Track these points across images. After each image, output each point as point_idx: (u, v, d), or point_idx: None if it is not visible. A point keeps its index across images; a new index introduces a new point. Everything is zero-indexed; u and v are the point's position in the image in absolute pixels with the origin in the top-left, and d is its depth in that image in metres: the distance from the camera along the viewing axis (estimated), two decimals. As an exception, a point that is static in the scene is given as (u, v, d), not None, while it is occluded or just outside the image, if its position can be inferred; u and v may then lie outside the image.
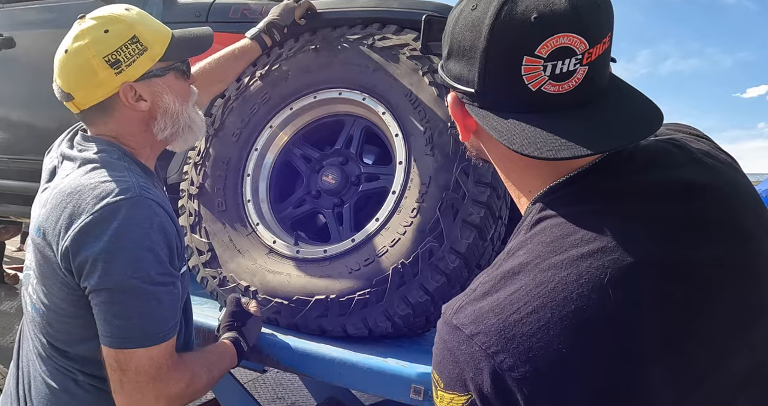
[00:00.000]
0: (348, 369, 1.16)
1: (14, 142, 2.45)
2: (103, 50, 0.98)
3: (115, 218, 0.90)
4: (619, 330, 0.51)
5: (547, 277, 0.53)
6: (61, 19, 2.30)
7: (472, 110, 0.61)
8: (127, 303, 0.92)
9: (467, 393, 0.54)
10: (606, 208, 0.57)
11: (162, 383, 0.94)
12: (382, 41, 1.45)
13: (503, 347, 0.52)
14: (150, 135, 1.07)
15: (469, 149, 0.73)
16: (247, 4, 1.97)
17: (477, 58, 0.57)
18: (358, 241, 1.34)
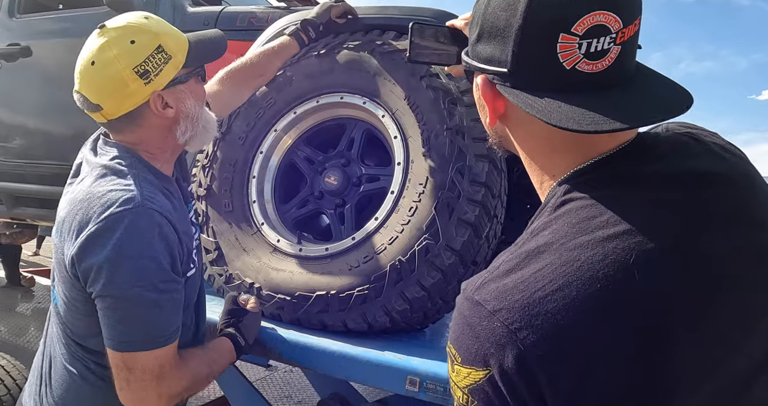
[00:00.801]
0: (347, 362, 1.21)
1: (31, 148, 2.53)
2: (133, 62, 1.00)
3: (118, 227, 0.94)
4: (643, 311, 0.52)
5: (573, 256, 0.54)
6: (75, 29, 2.38)
7: (505, 90, 0.61)
8: (130, 310, 0.96)
9: (487, 368, 0.54)
10: (628, 193, 0.58)
11: (165, 382, 0.99)
12: (381, 47, 1.50)
13: (527, 324, 0.52)
14: (172, 139, 1.10)
15: (492, 136, 0.73)
16: (253, 12, 2.04)
17: (512, 37, 0.58)
18: (358, 239, 1.39)
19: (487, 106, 0.66)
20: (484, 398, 0.55)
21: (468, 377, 0.56)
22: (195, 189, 1.68)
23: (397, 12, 1.60)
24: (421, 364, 1.16)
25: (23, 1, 2.62)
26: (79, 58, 1.05)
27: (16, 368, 1.95)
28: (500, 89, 0.62)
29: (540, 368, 0.51)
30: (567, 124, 0.55)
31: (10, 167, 2.55)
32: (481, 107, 0.70)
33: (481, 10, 0.62)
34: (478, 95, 0.68)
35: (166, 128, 1.09)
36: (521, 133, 0.66)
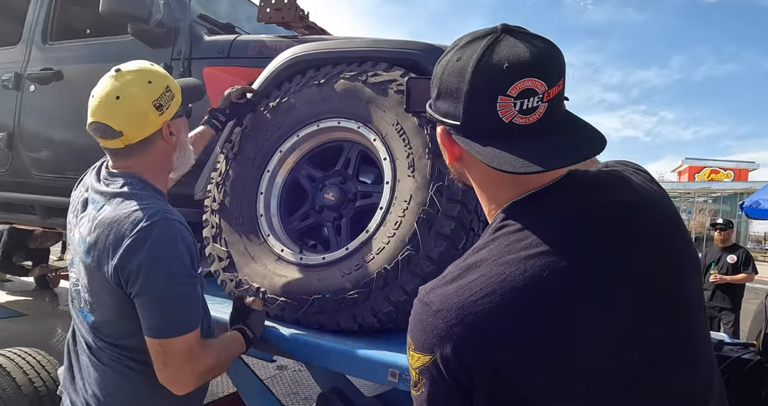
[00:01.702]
0: (337, 356, 1.39)
1: (61, 162, 2.74)
2: (151, 97, 1.26)
3: (149, 237, 1.15)
4: (551, 315, 0.65)
5: (500, 270, 0.68)
6: (101, 55, 2.61)
7: (459, 139, 0.75)
8: (164, 303, 1.17)
9: (431, 354, 0.68)
10: (552, 219, 0.72)
11: (194, 362, 1.21)
12: (373, 77, 1.69)
13: (461, 321, 0.66)
14: (169, 164, 1.36)
15: (453, 173, 0.88)
16: (263, 41, 2.23)
17: (462, 98, 0.71)
18: (351, 249, 1.57)
19: (446, 151, 0.81)
20: (429, 377, 0.70)
21: (418, 361, 0.71)
22: (209, 204, 1.88)
23: (388, 45, 1.78)
24: (401, 358, 1.33)
25: (55, 30, 2.86)
26: (97, 95, 1.27)
27: (50, 363, 2.16)
28: (455, 138, 0.76)
29: (469, 354, 0.66)
30: (504, 167, 0.69)
31: (43, 180, 2.77)
32: (442, 149, 0.85)
33: (439, 74, 0.76)
34: (439, 140, 0.82)
35: (168, 154, 1.34)
36: (473, 171, 0.81)
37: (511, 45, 0.70)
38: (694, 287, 0.77)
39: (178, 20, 2.39)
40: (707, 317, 0.85)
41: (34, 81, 2.78)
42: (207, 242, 1.84)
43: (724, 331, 5.36)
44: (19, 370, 2.05)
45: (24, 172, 2.85)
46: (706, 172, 29.42)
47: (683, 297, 0.74)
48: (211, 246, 1.81)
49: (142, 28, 2.37)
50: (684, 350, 0.72)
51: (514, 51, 0.70)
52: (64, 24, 2.94)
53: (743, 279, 5.47)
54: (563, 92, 0.74)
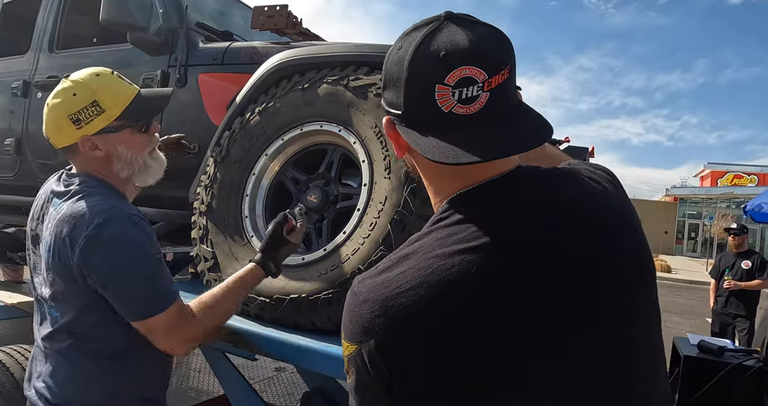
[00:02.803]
0: (311, 355, 1.41)
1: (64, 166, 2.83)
2: (69, 110, 1.29)
3: (104, 233, 1.20)
4: (471, 312, 0.65)
5: (428, 263, 0.67)
6: (105, 63, 2.68)
7: (401, 129, 0.73)
8: (130, 290, 1.23)
9: (357, 344, 0.69)
10: (489, 215, 0.70)
11: (178, 333, 1.27)
12: (354, 81, 1.72)
13: (384, 313, 0.66)
14: (109, 172, 1.37)
15: (407, 164, 0.84)
16: (255, 47, 2.29)
17: (401, 87, 0.70)
18: (328, 250, 1.60)
19: (392, 142, 0.79)
20: (355, 366, 0.71)
21: (347, 349, 0.72)
22: (198, 206, 1.93)
23: (369, 49, 1.81)
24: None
25: (61, 39, 2.95)
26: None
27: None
28: (398, 129, 0.75)
29: (389, 346, 0.66)
30: (436, 157, 0.67)
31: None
32: (389, 141, 0.85)
33: (385, 63, 0.75)
34: (384, 131, 0.80)
35: (102, 164, 1.36)
36: (420, 162, 0.79)
37: (452, 33, 0.68)
38: (636, 296, 0.74)
39: (176, 28, 2.46)
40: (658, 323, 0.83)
41: (41, 88, 2.88)
42: (194, 243, 1.88)
43: (739, 338, 5.25)
44: (18, 366, 2.11)
45: (31, 176, 2.94)
46: (729, 177, 28.82)
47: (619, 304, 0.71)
48: (198, 247, 1.86)
49: (141, 37, 2.44)
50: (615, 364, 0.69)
51: (453, 39, 0.68)
52: (70, 33, 3.04)
53: (758, 285, 5.36)
54: (511, 82, 0.71)
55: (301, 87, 1.82)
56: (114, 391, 1.31)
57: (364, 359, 0.69)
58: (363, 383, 0.72)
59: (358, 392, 0.73)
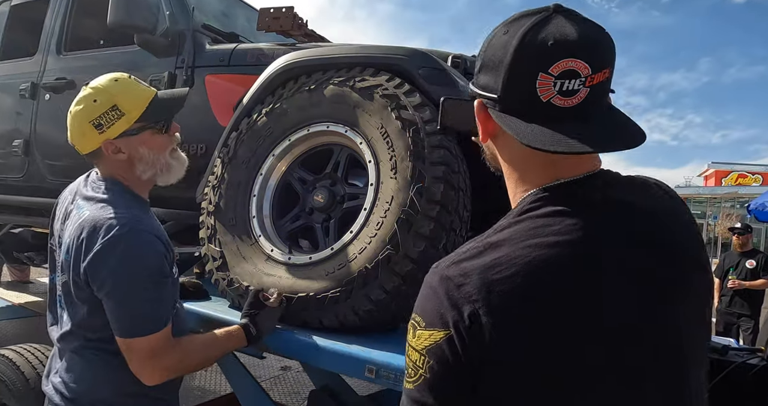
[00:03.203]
0: (318, 352, 1.44)
1: (74, 168, 2.84)
2: (90, 116, 1.33)
3: (116, 246, 1.23)
4: (566, 302, 0.65)
5: (524, 252, 0.66)
6: (111, 65, 2.70)
7: (493, 114, 0.73)
8: (128, 307, 1.26)
9: (446, 330, 0.66)
10: (581, 212, 0.70)
11: (157, 359, 1.28)
12: (360, 82, 1.74)
13: (482, 298, 0.64)
14: (133, 175, 1.40)
15: (485, 153, 0.85)
16: (261, 49, 2.31)
17: (502, 71, 0.70)
18: (335, 249, 1.62)
19: (480, 126, 0.78)
20: (439, 355, 0.66)
21: (428, 339, 0.67)
22: (205, 206, 1.95)
23: (375, 51, 1.83)
24: (379, 355, 1.37)
25: (69, 41, 2.98)
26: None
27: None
28: (490, 112, 0.74)
29: (486, 332, 0.64)
30: (534, 143, 0.67)
31: (58, 185, 2.88)
32: (477, 126, 0.80)
33: (484, 47, 0.75)
34: (476, 116, 0.79)
35: (126, 167, 1.38)
36: (505, 151, 0.78)
37: (561, 24, 0.69)
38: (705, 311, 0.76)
39: (182, 30, 2.48)
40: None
41: (49, 90, 2.91)
42: (202, 242, 1.91)
43: (743, 338, 5.25)
44: (28, 364, 2.14)
45: (39, 177, 2.97)
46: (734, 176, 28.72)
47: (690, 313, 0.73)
48: (206, 247, 1.88)
49: (148, 39, 2.46)
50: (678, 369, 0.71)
51: (562, 30, 0.68)
52: (78, 35, 3.06)
53: (763, 284, 5.35)
54: (609, 82, 0.72)
55: (307, 88, 1.84)
56: (125, 389, 1.34)
57: (455, 345, 0.66)
58: (444, 373, 0.68)
59: (434, 384, 0.68)
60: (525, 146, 0.69)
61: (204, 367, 1.47)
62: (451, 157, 1.59)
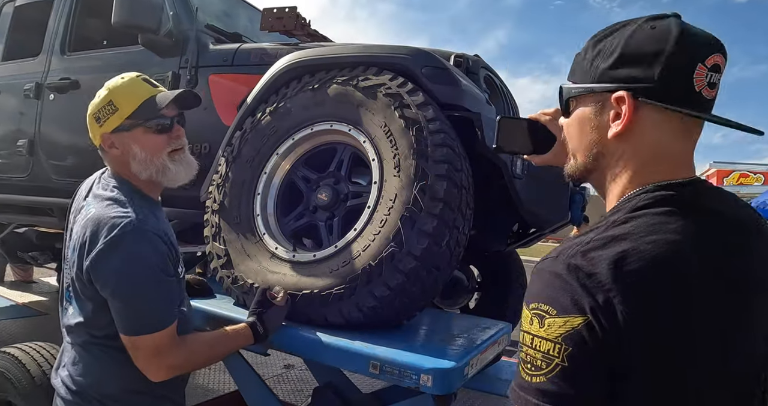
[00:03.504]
0: (322, 348, 1.45)
1: (78, 167, 2.87)
2: (93, 110, 1.39)
3: (120, 244, 1.24)
4: (693, 297, 0.68)
5: (647, 247, 0.69)
6: (115, 65, 2.73)
7: (645, 102, 0.75)
8: (133, 305, 1.27)
9: (583, 316, 0.66)
10: (693, 213, 0.74)
11: (162, 357, 1.29)
12: (364, 81, 1.75)
13: (615, 287, 0.66)
14: (128, 171, 1.40)
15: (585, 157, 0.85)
16: (264, 49, 2.32)
17: (660, 61, 0.74)
18: (339, 247, 1.63)
19: (624, 118, 0.77)
20: (579, 341, 0.66)
21: (564, 326, 0.67)
22: (210, 204, 1.97)
23: (378, 50, 1.85)
24: (382, 352, 1.39)
25: (73, 41, 3.00)
26: None
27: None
28: (641, 101, 0.76)
29: (621, 319, 0.66)
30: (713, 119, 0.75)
31: (62, 185, 2.90)
32: (581, 131, 0.83)
33: (623, 42, 0.77)
34: (586, 116, 0.82)
35: (123, 163, 1.40)
36: (630, 145, 0.80)
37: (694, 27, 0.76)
38: None
39: (186, 30, 2.50)
40: None
41: (53, 90, 2.93)
42: (207, 240, 1.92)
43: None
44: (33, 362, 2.15)
45: (44, 176, 2.98)
46: (735, 176, 28.69)
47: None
48: (211, 245, 1.89)
49: (152, 39, 2.48)
50: None
51: (701, 30, 0.76)
52: (81, 35, 3.08)
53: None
54: None
55: (311, 87, 1.86)
56: (131, 386, 1.35)
57: (595, 330, 0.66)
58: (584, 360, 0.67)
59: (576, 372, 0.68)
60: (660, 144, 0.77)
61: (210, 364, 1.47)
62: (454, 156, 1.60)
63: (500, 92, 2.42)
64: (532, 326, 0.70)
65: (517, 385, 0.71)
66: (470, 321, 2.04)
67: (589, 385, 0.67)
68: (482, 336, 1.73)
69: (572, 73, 0.86)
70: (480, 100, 1.87)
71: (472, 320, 2.11)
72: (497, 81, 2.42)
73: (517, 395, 0.71)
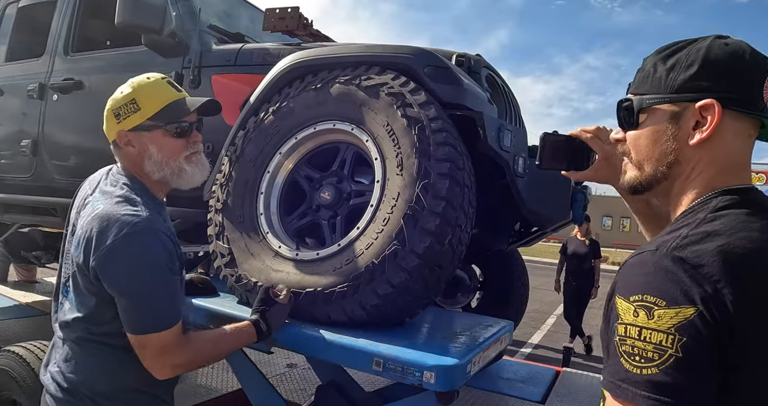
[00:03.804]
0: (326, 346, 1.46)
1: (82, 167, 2.87)
2: (114, 105, 1.40)
3: (129, 244, 1.24)
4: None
5: (742, 242, 0.73)
6: (118, 65, 2.75)
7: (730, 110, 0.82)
8: (140, 304, 1.28)
9: (695, 306, 0.68)
10: (764, 215, 0.78)
11: (168, 356, 1.29)
12: (366, 81, 1.76)
13: (723, 279, 0.69)
14: (141, 170, 1.42)
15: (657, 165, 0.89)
16: (267, 49, 2.33)
17: (743, 73, 0.82)
18: (342, 245, 1.64)
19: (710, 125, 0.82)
20: (692, 332, 0.68)
21: (676, 317, 0.69)
22: (213, 203, 1.98)
23: (381, 50, 1.86)
24: (386, 349, 1.40)
25: (76, 42, 3.01)
26: None
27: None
28: (726, 110, 0.81)
29: (732, 309, 0.68)
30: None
31: (66, 185, 2.91)
32: (654, 141, 0.88)
33: (700, 56, 0.83)
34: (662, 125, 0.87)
35: (137, 163, 1.42)
36: (711, 151, 0.84)
37: None
38: None
39: (189, 31, 2.51)
40: None
41: (57, 91, 2.94)
42: (210, 239, 1.93)
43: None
44: (38, 361, 2.16)
45: (47, 176, 3.00)
46: (737, 175, 28.76)
47: None
48: (215, 243, 1.90)
49: (155, 39, 2.49)
50: None
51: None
52: (85, 36, 3.10)
53: None
54: None
55: (314, 87, 1.87)
56: (122, 384, 1.34)
57: (707, 320, 0.68)
58: (698, 349, 0.68)
59: (690, 362, 0.68)
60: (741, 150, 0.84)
61: (214, 362, 1.48)
62: (457, 155, 1.61)
63: (502, 91, 2.43)
64: (638, 318, 0.71)
65: (619, 379, 0.71)
66: (472, 319, 2.05)
67: (704, 375, 0.68)
68: (484, 334, 1.74)
69: (638, 87, 0.90)
70: (482, 99, 1.88)
71: (474, 318, 2.12)
72: (499, 80, 2.43)
73: (621, 390, 0.71)
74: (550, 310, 9.32)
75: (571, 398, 2.55)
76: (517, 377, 2.86)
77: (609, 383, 0.73)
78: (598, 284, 6.76)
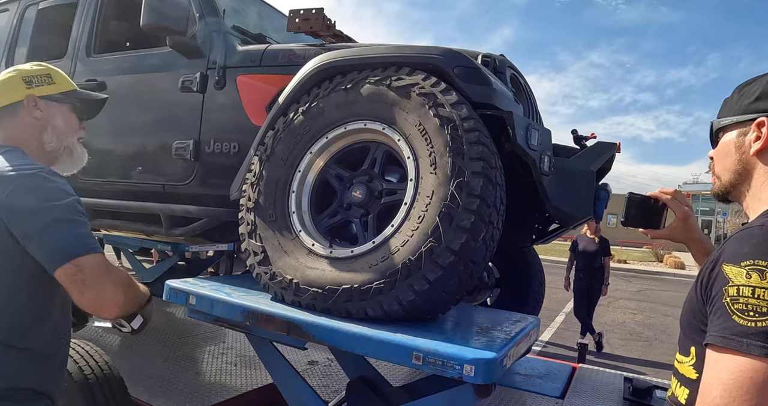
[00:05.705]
0: (365, 341, 1.49)
1: (104, 167, 2.91)
2: (25, 74, 1.46)
3: (32, 184, 1.23)
4: None
5: None
6: (141, 66, 2.78)
7: None
8: (62, 231, 1.22)
9: None
10: None
11: (113, 275, 1.25)
12: (397, 81, 1.79)
13: None
14: (40, 144, 1.45)
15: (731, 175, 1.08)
16: (292, 50, 2.36)
17: None
18: (377, 242, 1.67)
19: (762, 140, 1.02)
20: None
21: None
22: (245, 203, 2.01)
23: (410, 50, 1.89)
24: (424, 343, 1.43)
25: (98, 43, 3.05)
26: None
27: (98, 353, 2.31)
28: None
29: None
30: None
31: (89, 184, 2.96)
32: (727, 154, 1.09)
33: (760, 86, 1.05)
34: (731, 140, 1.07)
35: (36, 130, 1.46)
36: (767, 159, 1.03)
37: None
38: None
39: (213, 32, 2.54)
40: None
41: (80, 92, 2.97)
42: (242, 238, 1.96)
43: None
44: (69, 360, 2.20)
45: (71, 176, 3.02)
46: (740, 173, 28.57)
47: None
48: (247, 242, 1.94)
49: (180, 41, 2.53)
50: None
51: None
52: (106, 38, 3.13)
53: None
54: None
55: (344, 87, 1.90)
56: (9, 383, 1.27)
57: None
58: None
59: None
60: None
61: (139, 303, 1.44)
62: (489, 154, 1.64)
63: (524, 91, 2.46)
64: (751, 279, 0.81)
65: (733, 334, 0.81)
66: (500, 315, 2.09)
67: None
68: (515, 329, 1.77)
69: (720, 112, 1.13)
70: (510, 99, 1.91)
71: (502, 313, 2.15)
72: (522, 80, 2.46)
73: (736, 343, 0.80)
74: (559, 308, 9.35)
75: (589, 394, 2.58)
76: (534, 373, 2.90)
77: (720, 339, 0.82)
78: (608, 282, 6.78)
